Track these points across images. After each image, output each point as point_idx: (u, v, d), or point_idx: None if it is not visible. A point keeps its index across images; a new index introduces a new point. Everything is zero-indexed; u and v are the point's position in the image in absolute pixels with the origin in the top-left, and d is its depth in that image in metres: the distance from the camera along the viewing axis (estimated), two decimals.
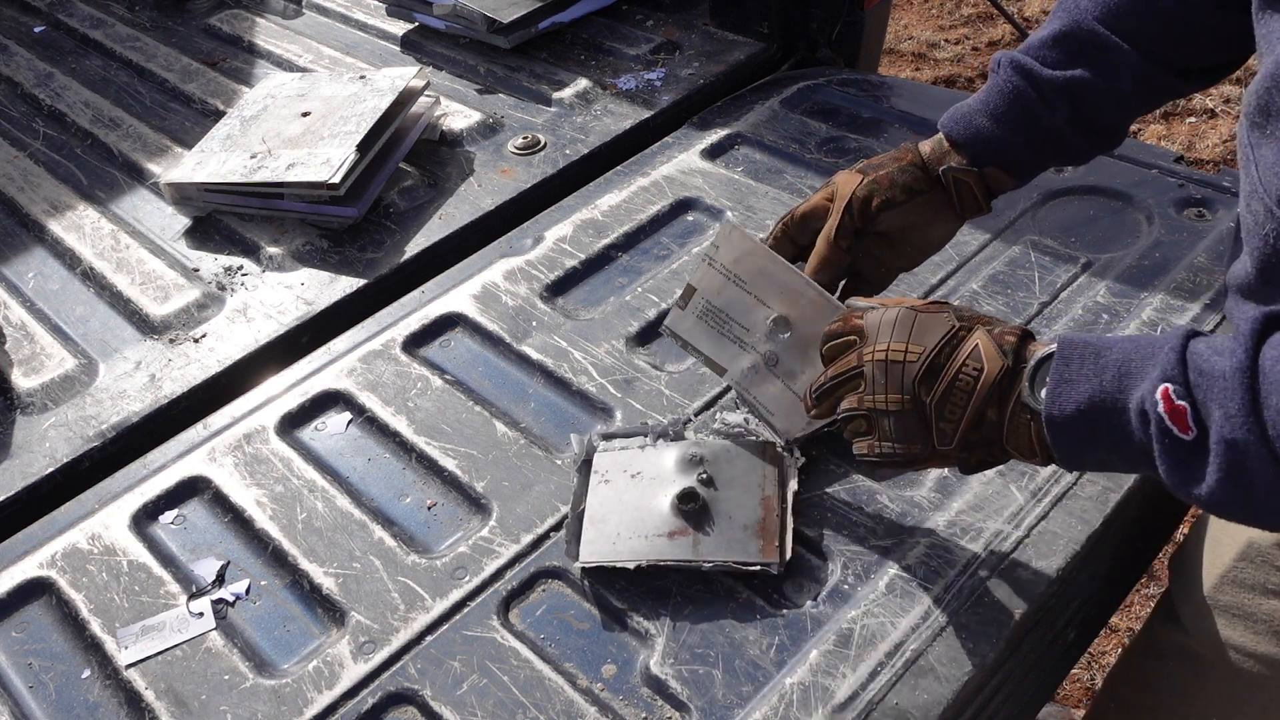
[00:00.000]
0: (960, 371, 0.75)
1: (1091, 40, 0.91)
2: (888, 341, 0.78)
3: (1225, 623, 1.01)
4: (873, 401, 0.79)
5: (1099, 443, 0.69)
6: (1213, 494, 0.63)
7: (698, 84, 1.54)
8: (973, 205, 1.00)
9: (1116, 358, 0.68)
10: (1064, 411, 0.69)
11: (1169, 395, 0.63)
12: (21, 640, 0.91)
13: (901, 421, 0.77)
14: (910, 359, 0.77)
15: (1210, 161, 2.82)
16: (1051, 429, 0.70)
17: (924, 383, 0.76)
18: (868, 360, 0.79)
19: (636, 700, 0.82)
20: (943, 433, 0.76)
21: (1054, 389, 0.70)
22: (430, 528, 0.97)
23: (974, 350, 0.76)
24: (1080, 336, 0.72)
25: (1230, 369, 0.61)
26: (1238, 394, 0.60)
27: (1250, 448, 0.60)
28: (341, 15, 1.84)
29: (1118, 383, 0.67)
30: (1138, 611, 1.93)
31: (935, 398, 0.76)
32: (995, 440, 0.75)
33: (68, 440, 1.09)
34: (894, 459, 0.79)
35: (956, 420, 0.75)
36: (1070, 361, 0.70)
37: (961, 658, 0.81)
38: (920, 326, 0.78)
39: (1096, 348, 0.70)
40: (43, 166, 1.51)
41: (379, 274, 1.27)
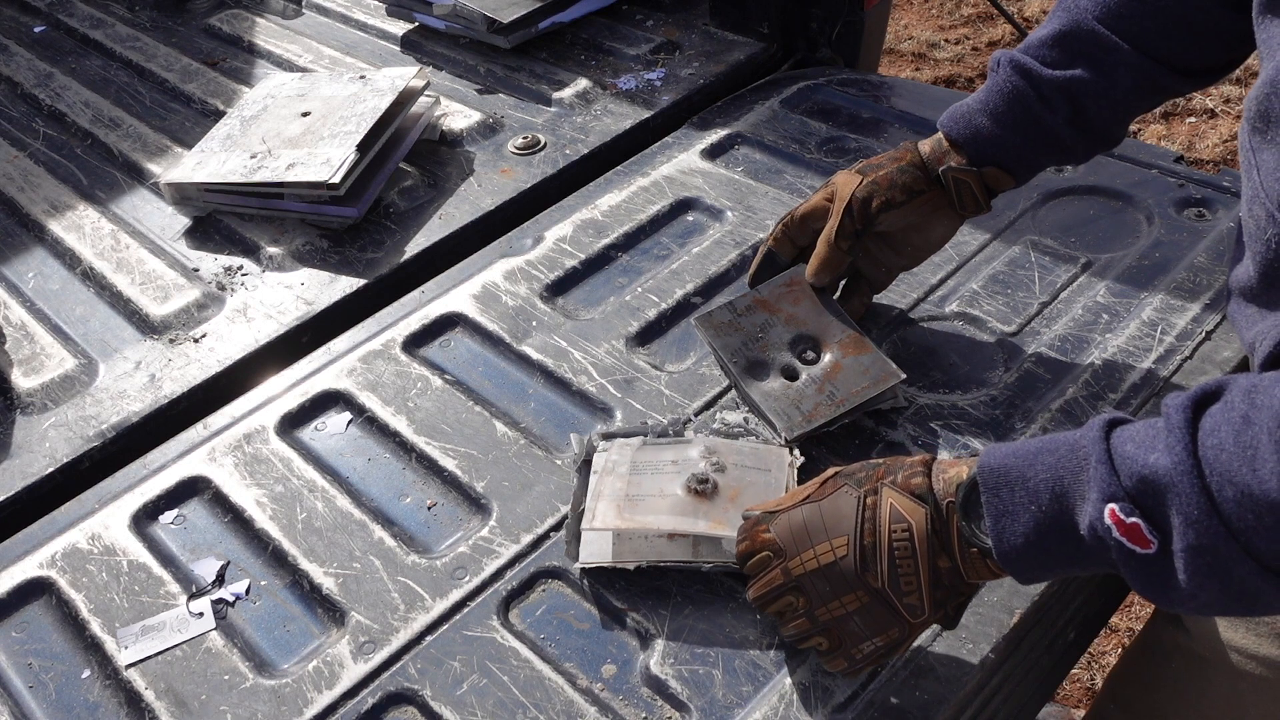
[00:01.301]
0: (893, 542, 0.72)
1: (1091, 40, 0.91)
2: (810, 548, 0.75)
3: (1227, 624, 1.01)
4: (829, 612, 0.75)
5: (1058, 562, 0.67)
6: (1194, 598, 0.60)
7: (698, 84, 1.54)
8: (972, 204, 1.00)
9: (1045, 478, 0.65)
10: (1014, 545, 0.67)
11: (1117, 517, 0.61)
12: (21, 640, 0.91)
13: (867, 617, 0.74)
14: (840, 555, 0.73)
15: (1210, 161, 2.82)
16: (1007, 563, 0.68)
17: (866, 570, 0.73)
18: (798, 574, 0.75)
19: (636, 700, 0.82)
20: (911, 608, 0.73)
21: (996, 525, 0.67)
22: (430, 528, 0.97)
23: (891, 512, 0.73)
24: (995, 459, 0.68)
25: (1175, 472, 0.58)
26: (1193, 498, 0.57)
27: (1220, 547, 0.57)
28: (341, 15, 1.84)
29: (1057, 505, 0.65)
30: (1138, 611, 1.93)
31: (884, 579, 0.72)
32: (959, 584, 0.73)
33: (68, 440, 1.09)
34: (879, 654, 0.76)
35: (915, 589, 0.72)
36: (999, 492, 0.67)
37: (961, 658, 0.81)
38: (829, 517, 0.75)
39: (1020, 472, 0.67)
40: (43, 166, 1.51)
41: (379, 274, 1.27)
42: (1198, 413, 0.60)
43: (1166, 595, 0.61)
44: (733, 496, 0.90)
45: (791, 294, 1.05)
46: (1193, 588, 0.59)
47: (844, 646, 0.76)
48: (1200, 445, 0.58)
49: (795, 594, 0.76)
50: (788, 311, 1.05)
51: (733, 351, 1.03)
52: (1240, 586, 0.58)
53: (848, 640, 0.75)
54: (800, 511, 0.76)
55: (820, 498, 0.76)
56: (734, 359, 1.03)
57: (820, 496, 0.76)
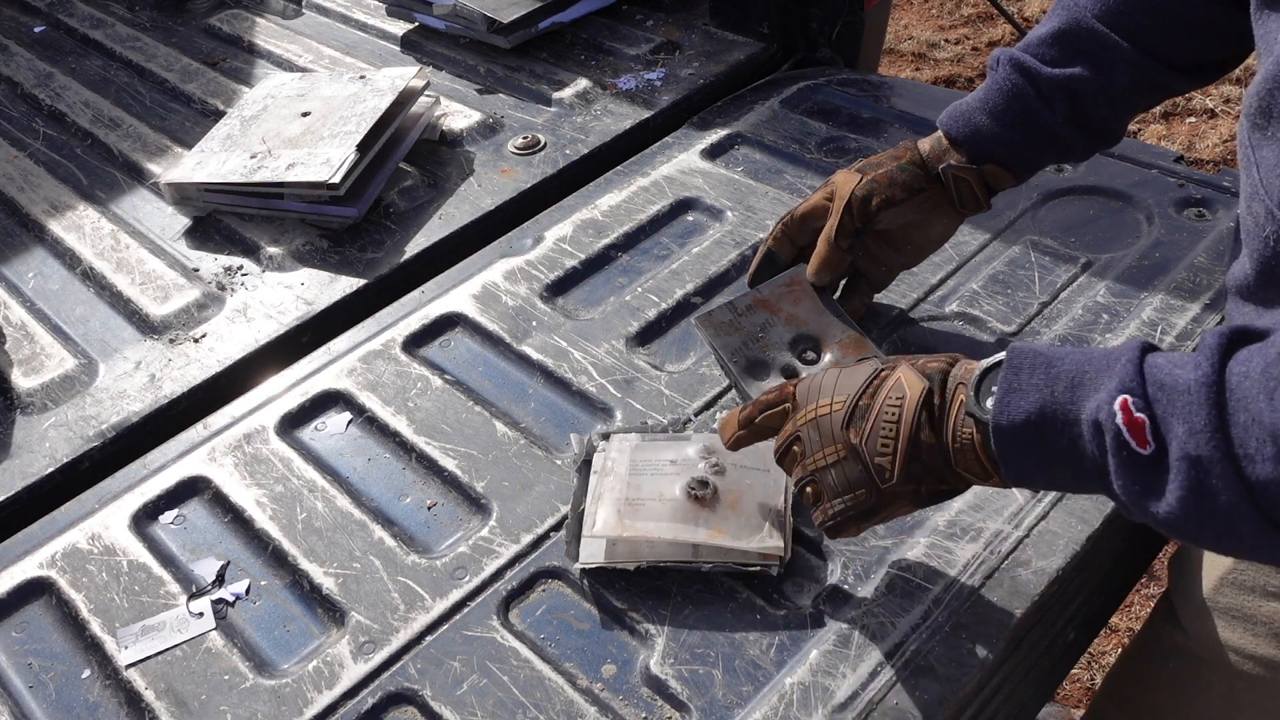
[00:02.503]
0: (884, 404, 0.74)
1: (1091, 38, 0.91)
2: (815, 401, 0.78)
3: (1225, 624, 1.01)
4: (813, 462, 0.78)
5: (1048, 456, 0.66)
6: (1172, 512, 0.60)
7: (698, 84, 1.54)
8: (972, 203, 1.00)
9: (1069, 368, 0.66)
10: (1012, 421, 0.67)
11: (1128, 407, 0.60)
12: (21, 640, 0.91)
13: (840, 472, 0.76)
14: (836, 409, 0.76)
15: (1210, 161, 2.82)
16: (999, 439, 0.68)
17: (850, 426, 0.75)
18: (800, 424, 0.79)
19: (636, 700, 0.82)
20: (880, 469, 0.74)
21: (1002, 397, 0.67)
22: (430, 528, 0.97)
23: (896, 383, 0.75)
24: (1030, 346, 0.69)
25: (1195, 382, 0.58)
26: (1204, 409, 0.57)
27: (1215, 465, 0.57)
28: (341, 15, 1.84)
29: (1070, 393, 0.65)
30: (1138, 611, 1.93)
31: (864, 436, 0.74)
32: (940, 465, 0.73)
33: (68, 440, 1.09)
34: (847, 514, 0.77)
35: (890, 452, 0.73)
36: (1020, 371, 0.67)
37: (961, 658, 0.81)
38: (845, 379, 0.78)
39: (1048, 358, 0.67)
40: (43, 166, 1.51)
41: (379, 274, 1.27)
42: (1236, 343, 0.60)
43: (1145, 504, 0.61)
44: (732, 503, 0.90)
45: (792, 294, 1.06)
46: (1173, 501, 0.59)
47: (822, 499, 0.78)
48: (1228, 370, 0.58)
49: (797, 443, 0.79)
50: (788, 311, 1.05)
51: (733, 351, 1.03)
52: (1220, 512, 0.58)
53: (826, 493, 0.78)
54: (827, 373, 0.80)
55: (849, 366, 0.79)
56: (734, 359, 1.03)
57: (848, 367, 0.79)
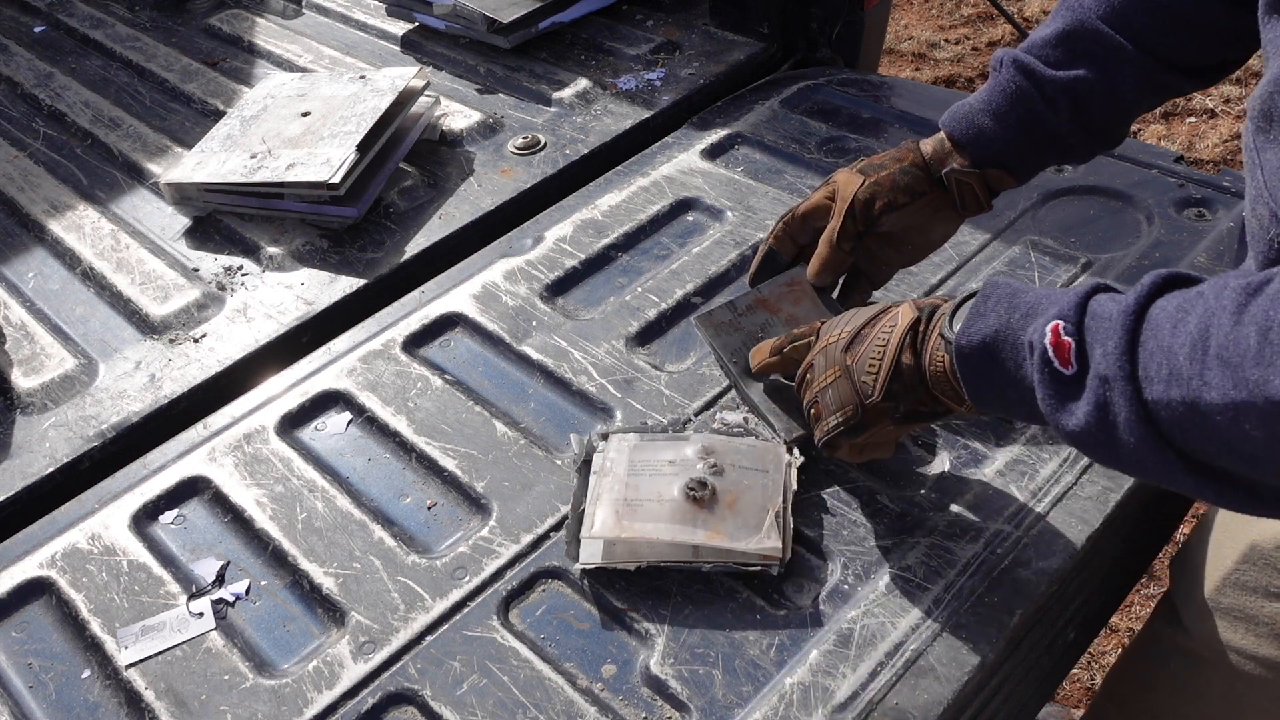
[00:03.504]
0: (879, 330, 0.82)
1: (1095, 39, 0.91)
2: (830, 333, 0.87)
3: (1226, 625, 1.01)
4: (818, 384, 0.87)
5: (1001, 378, 0.72)
6: (1079, 427, 0.64)
7: (698, 84, 1.54)
8: (974, 205, 1.00)
9: (1030, 300, 0.72)
10: (971, 341, 0.73)
11: (1058, 330, 0.66)
12: (21, 640, 0.91)
13: (835, 390, 0.85)
14: (842, 337, 0.85)
15: (1210, 161, 2.82)
16: (958, 358, 0.74)
17: (848, 350, 0.84)
18: (815, 353, 0.88)
19: (636, 700, 0.82)
20: (864, 385, 0.82)
21: (968, 322, 0.74)
22: (430, 528, 0.97)
23: (893, 313, 0.82)
24: (1007, 281, 0.75)
25: (1118, 311, 0.64)
26: (1116, 333, 0.62)
27: (1118, 383, 0.62)
28: (341, 15, 1.84)
29: (1024, 321, 0.70)
30: (1138, 611, 1.93)
31: (856, 358, 0.83)
32: (917, 386, 0.80)
33: (68, 440, 1.09)
34: (837, 429, 0.85)
35: (874, 371, 0.81)
36: (989, 300, 0.74)
37: (961, 658, 0.81)
38: (859, 314, 0.86)
39: (1015, 289, 0.73)
40: (43, 166, 1.51)
41: (379, 274, 1.27)
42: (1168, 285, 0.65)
43: (1059, 419, 0.66)
44: (730, 503, 0.90)
45: (792, 294, 1.05)
46: (1081, 415, 0.64)
47: (822, 417, 0.86)
48: (1153, 305, 0.63)
49: (810, 370, 0.88)
50: (788, 311, 1.05)
51: (733, 351, 1.03)
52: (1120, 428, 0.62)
53: (824, 411, 0.86)
54: (847, 310, 0.89)
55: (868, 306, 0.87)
56: (734, 359, 1.03)
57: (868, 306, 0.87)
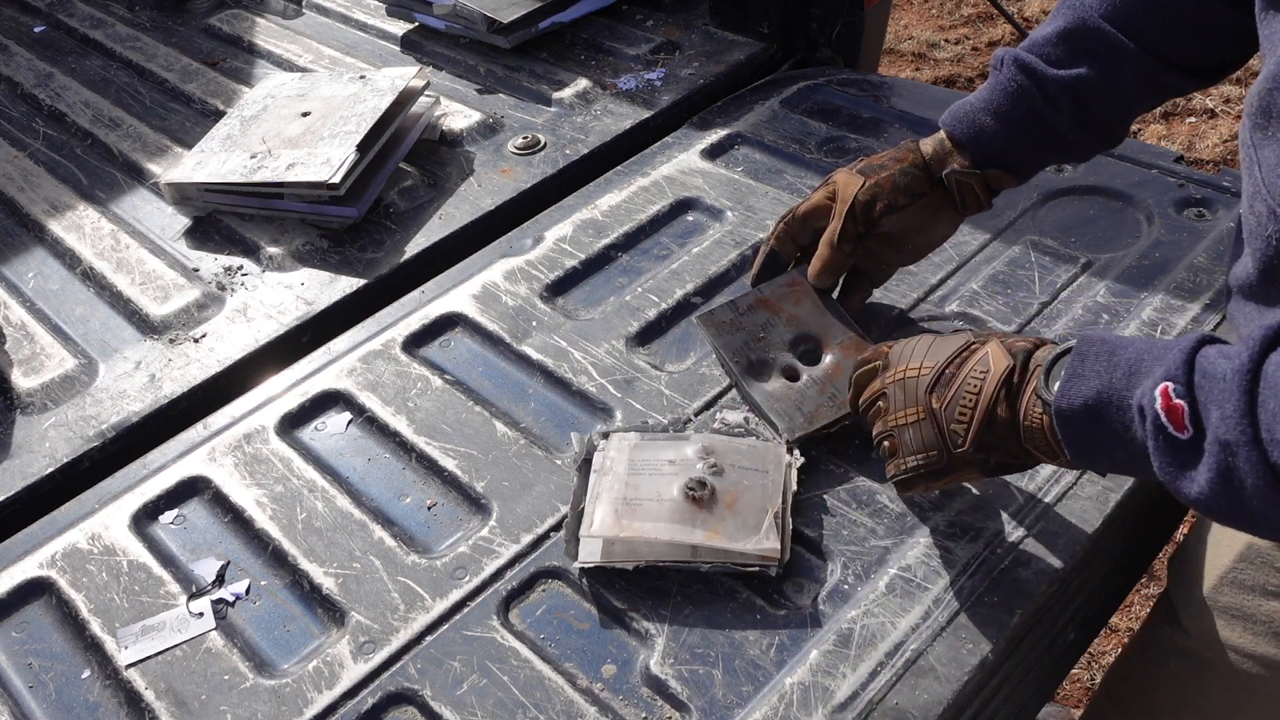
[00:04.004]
0: (969, 376, 0.78)
1: (1097, 38, 0.91)
2: (906, 364, 0.83)
3: (1225, 624, 1.01)
4: (894, 420, 0.83)
5: (1106, 439, 0.70)
6: (1203, 494, 0.63)
7: (698, 84, 1.54)
8: (974, 204, 1.00)
9: (1130, 356, 0.69)
10: (1071, 405, 0.70)
11: (1168, 393, 0.64)
12: (21, 640, 0.91)
13: (918, 432, 0.81)
14: (924, 374, 0.81)
15: (1210, 161, 2.82)
16: (1060, 421, 0.72)
17: (934, 391, 0.80)
18: (889, 383, 0.84)
19: (636, 700, 0.82)
20: (955, 434, 0.78)
21: (1066, 382, 0.71)
22: (430, 528, 0.97)
23: (983, 357, 0.79)
24: (1101, 335, 0.73)
25: (1231, 371, 0.61)
26: (1234, 395, 0.60)
27: (1242, 449, 0.60)
28: (341, 15, 1.84)
29: (1127, 380, 0.68)
30: (1138, 611, 1.93)
31: (945, 403, 0.79)
32: (1011, 439, 0.77)
33: (68, 440, 1.09)
34: (918, 470, 0.82)
35: (967, 420, 0.78)
36: (1086, 358, 0.71)
37: (961, 658, 0.81)
38: (937, 347, 0.83)
39: (1113, 346, 0.71)
40: (43, 166, 1.51)
41: (379, 274, 1.27)
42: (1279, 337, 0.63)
43: (1181, 486, 0.64)
44: (730, 503, 0.90)
45: (793, 294, 1.06)
46: (1204, 483, 0.62)
47: (898, 455, 0.83)
48: (1268, 360, 0.61)
49: (883, 399, 0.85)
50: (789, 311, 1.05)
51: (734, 351, 1.03)
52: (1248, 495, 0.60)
53: (901, 449, 0.83)
54: (921, 339, 0.85)
55: (944, 335, 0.84)
56: (735, 358, 1.03)
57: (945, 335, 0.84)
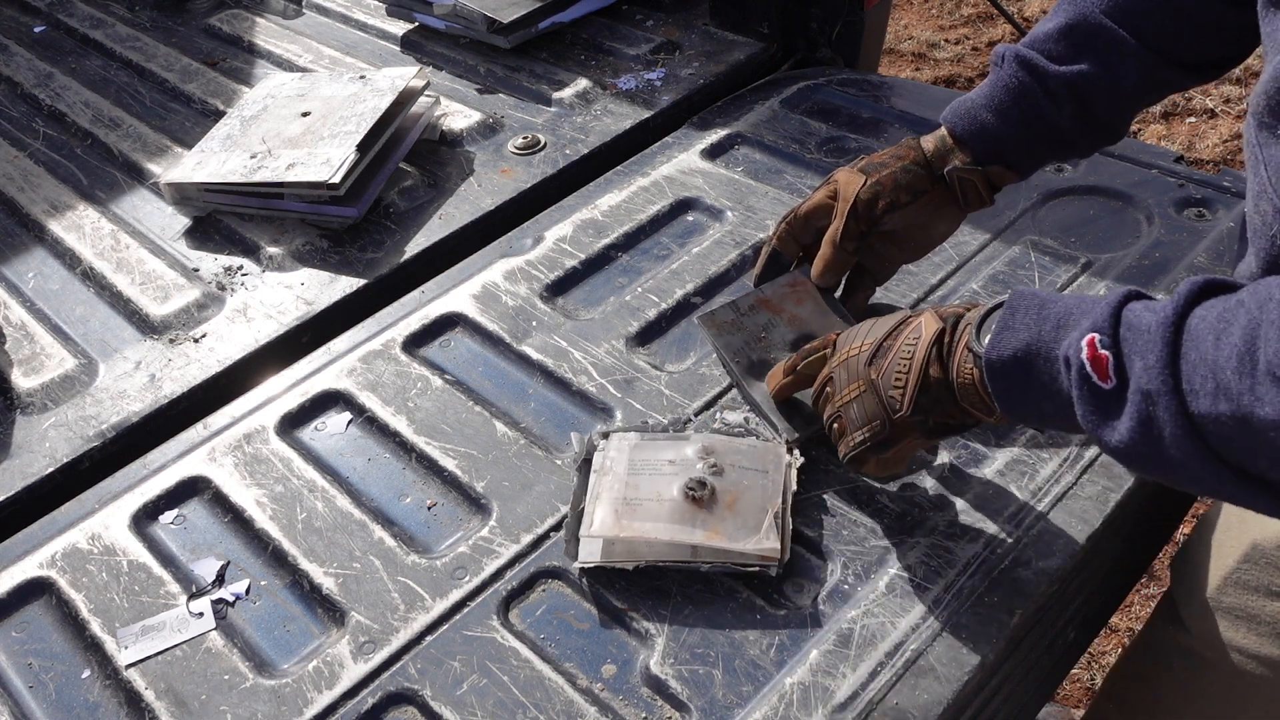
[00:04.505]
0: (903, 344, 0.80)
1: (1098, 33, 0.91)
2: (849, 345, 0.85)
3: (1228, 624, 1.01)
4: (840, 399, 0.85)
5: (1034, 390, 0.71)
6: (1124, 442, 0.64)
7: (698, 84, 1.54)
8: (976, 201, 1.00)
9: (1059, 309, 0.70)
10: (1001, 356, 0.72)
11: (1094, 343, 0.65)
12: (21, 640, 0.91)
13: (860, 405, 0.83)
14: (863, 350, 0.84)
15: (1210, 161, 2.82)
16: (990, 373, 0.73)
17: (872, 363, 0.82)
18: (835, 366, 0.86)
19: (636, 700, 0.82)
20: (892, 400, 0.81)
21: (996, 335, 0.72)
22: (430, 528, 0.97)
23: (915, 325, 0.81)
24: (1032, 290, 0.74)
25: (1156, 323, 0.62)
26: (1157, 346, 0.61)
27: (1162, 399, 0.61)
28: (341, 15, 1.84)
29: (1055, 332, 0.69)
30: (1138, 611, 1.93)
31: (882, 372, 0.81)
32: (947, 399, 0.79)
33: (68, 440, 1.08)
34: (864, 444, 0.84)
35: (903, 385, 0.79)
36: (1016, 311, 0.72)
37: (961, 658, 0.81)
38: (877, 326, 0.85)
39: (1042, 299, 0.72)
40: (43, 166, 1.51)
41: (379, 274, 1.27)
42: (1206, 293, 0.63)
43: (1102, 434, 0.65)
44: (730, 503, 0.90)
45: (795, 294, 1.05)
46: (1124, 431, 0.63)
47: (846, 433, 0.85)
48: (1191, 314, 0.62)
49: (830, 384, 0.87)
50: (790, 312, 1.05)
51: (735, 351, 1.03)
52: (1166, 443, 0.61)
53: (849, 427, 0.84)
54: (864, 322, 0.87)
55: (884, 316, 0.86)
56: (736, 359, 1.03)
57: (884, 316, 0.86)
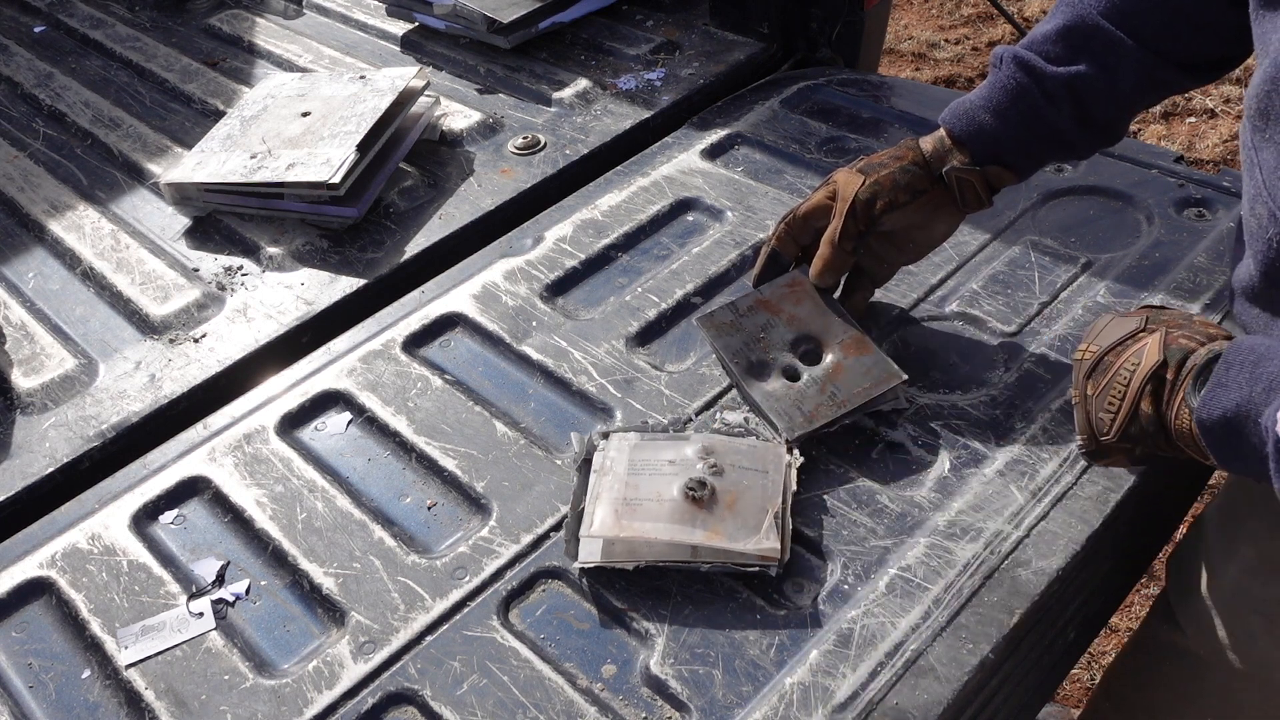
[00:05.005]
0: (1122, 366, 0.80)
1: (1096, 35, 0.91)
2: (1086, 342, 0.86)
3: (1223, 624, 1.01)
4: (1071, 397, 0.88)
5: (1243, 449, 0.70)
6: None
7: (698, 84, 1.54)
8: (975, 202, 1.00)
9: (1273, 370, 0.68)
10: (1211, 415, 0.72)
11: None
12: (21, 640, 0.91)
13: (1080, 413, 0.86)
14: (1087, 357, 0.84)
15: (1210, 161, 2.82)
16: (1201, 430, 0.73)
17: (1090, 377, 0.84)
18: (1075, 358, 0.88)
19: (636, 700, 0.82)
20: (1100, 422, 0.82)
21: (1209, 392, 0.72)
22: (430, 528, 0.97)
23: (1139, 348, 0.80)
24: (1251, 342, 0.72)
25: None
26: None
27: None
28: (341, 15, 1.84)
29: (1266, 395, 0.68)
30: (1138, 611, 1.93)
31: (1099, 390, 0.83)
32: (1156, 435, 0.79)
33: (68, 440, 1.09)
34: (1082, 449, 0.87)
35: (1113, 411, 0.80)
36: (1231, 367, 0.71)
37: (961, 658, 0.81)
38: (1109, 329, 0.85)
39: (1260, 355, 0.70)
40: (43, 166, 1.51)
41: (379, 274, 1.27)
42: None
43: None
44: (730, 503, 0.90)
45: (793, 294, 1.05)
46: None
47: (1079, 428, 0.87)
48: None
49: None
50: (789, 312, 1.05)
51: (734, 352, 1.03)
52: None
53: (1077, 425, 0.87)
54: (1102, 317, 0.88)
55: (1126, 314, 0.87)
56: (735, 359, 1.03)
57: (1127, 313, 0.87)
